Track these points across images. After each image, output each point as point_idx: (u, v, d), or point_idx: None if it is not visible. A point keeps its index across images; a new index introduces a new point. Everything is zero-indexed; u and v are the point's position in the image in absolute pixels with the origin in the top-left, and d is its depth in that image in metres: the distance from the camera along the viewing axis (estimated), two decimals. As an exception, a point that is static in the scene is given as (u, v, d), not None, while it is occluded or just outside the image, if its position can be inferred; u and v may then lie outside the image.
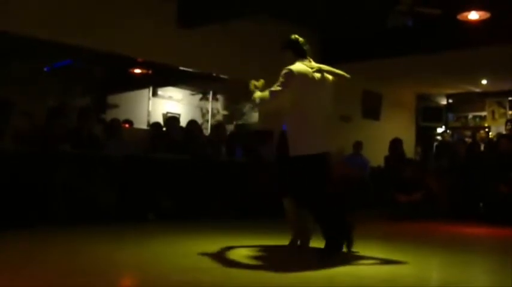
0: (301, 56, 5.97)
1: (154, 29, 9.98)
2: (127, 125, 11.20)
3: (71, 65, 11.65)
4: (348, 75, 6.21)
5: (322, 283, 4.45)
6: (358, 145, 12.83)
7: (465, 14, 9.77)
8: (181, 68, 11.11)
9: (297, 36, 6.29)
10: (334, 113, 6.16)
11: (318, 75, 5.82)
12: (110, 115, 11.91)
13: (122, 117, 10.61)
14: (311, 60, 5.97)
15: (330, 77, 6.00)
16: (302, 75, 5.67)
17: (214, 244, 6.03)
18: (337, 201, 5.77)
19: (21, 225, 6.60)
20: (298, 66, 5.73)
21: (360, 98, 14.63)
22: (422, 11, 9.72)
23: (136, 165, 8.31)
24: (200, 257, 5.27)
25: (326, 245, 5.42)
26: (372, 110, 14.92)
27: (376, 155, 12.70)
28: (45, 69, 11.54)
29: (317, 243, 5.71)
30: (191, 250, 5.69)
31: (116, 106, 12.96)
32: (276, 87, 5.68)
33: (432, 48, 11.24)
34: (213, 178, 9.03)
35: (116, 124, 9.33)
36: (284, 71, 5.71)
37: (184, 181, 8.67)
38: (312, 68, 5.80)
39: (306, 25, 12.27)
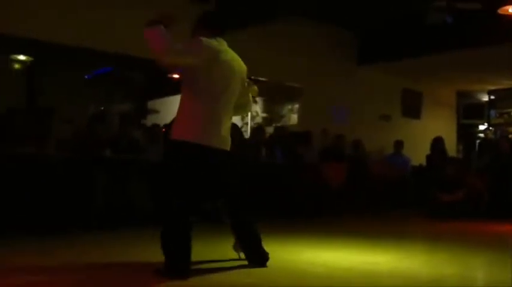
0: (216, 33, 4.79)
1: (191, 33, 10.01)
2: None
3: (112, 72, 11.80)
4: (256, 91, 5.25)
5: (365, 284, 4.43)
6: (398, 144, 12.73)
7: (506, 7, 9.59)
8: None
9: (212, 11, 5.24)
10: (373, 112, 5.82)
11: (233, 62, 4.75)
12: (150, 120, 12.01)
13: (162, 123, 10.68)
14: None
15: (243, 71, 4.92)
16: (216, 51, 4.58)
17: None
18: (184, 215, 4.46)
19: (64, 229, 6.71)
20: (213, 42, 4.61)
21: (399, 97, 14.51)
22: (461, 6, 9.59)
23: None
24: (242, 260, 5.28)
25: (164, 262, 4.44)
26: (412, 108, 14.77)
27: (418, 153, 12.58)
28: (86, 77, 11.71)
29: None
30: (233, 252, 5.71)
31: (156, 111, 13.06)
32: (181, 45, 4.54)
33: (472, 44, 11.08)
34: (253, 180, 9.03)
35: (156, 129, 9.42)
36: (197, 39, 4.61)
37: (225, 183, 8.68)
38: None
39: (343, 25, 12.26)
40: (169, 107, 13.11)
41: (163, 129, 9.34)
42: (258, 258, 4.87)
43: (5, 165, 6.71)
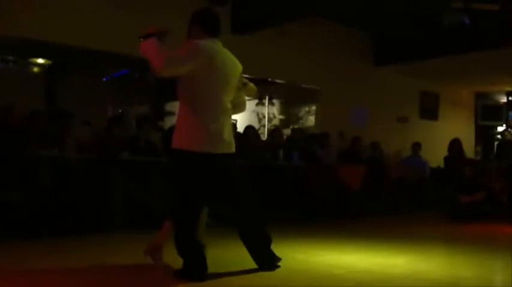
0: (211, 33, 4.65)
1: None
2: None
3: (129, 74, 11.85)
4: (254, 90, 5.16)
5: (380, 284, 4.43)
6: (416, 146, 12.69)
7: (524, 8, 9.55)
8: (237, 74, 11.15)
9: (208, 8, 5.10)
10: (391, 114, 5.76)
11: (229, 63, 4.68)
12: (168, 122, 12.04)
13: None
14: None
15: (238, 71, 4.83)
16: (212, 54, 4.49)
17: (273, 249, 6.06)
18: (192, 221, 4.50)
19: (83, 230, 6.76)
20: (209, 44, 4.53)
21: (416, 99, 14.47)
22: (479, 7, 9.54)
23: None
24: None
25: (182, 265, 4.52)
26: (429, 110, 14.72)
27: (436, 155, 12.54)
28: (103, 79, 11.78)
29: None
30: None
31: (173, 113, 13.10)
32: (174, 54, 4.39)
33: (490, 45, 11.01)
34: (270, 182, 9.03)
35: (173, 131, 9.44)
36: (191, 43, 4.51)
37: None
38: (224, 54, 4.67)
39: (360, 27, 12.24)
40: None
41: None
42: (266, 262, 4.82)
43: (27, 167, 6.78)
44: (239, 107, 4.94)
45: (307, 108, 13.07)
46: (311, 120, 12.86)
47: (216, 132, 4.44)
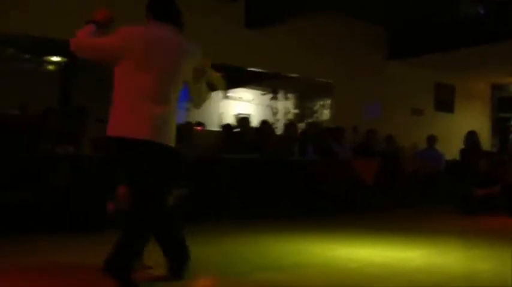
0: (158, 18, 4.29)
1: (223, 30, 10.09)
2: (199, 128, 11.34)
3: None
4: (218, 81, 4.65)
5: (399, 280, 4.43)
6: (431, 139, 12.62)
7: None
8: (251, 68, 11.19)
9: None
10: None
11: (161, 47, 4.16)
12: (181, 118, 12.07)
13: (194, 120, 10.73)
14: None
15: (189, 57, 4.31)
16: (133, 39, 4.14)
17: (289, 243, 6.08)
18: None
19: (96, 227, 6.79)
20: (135, 30, 4.21)
21: (432, 91, 14.39)
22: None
23: (209, 166, 8.41)
24: (276, 256, 5.31)
25: None
26: (445, 102, 14.64)
27: (452, 148, 12.47)
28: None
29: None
30: (267, 249, 5.74)
31: (187, 109, 13.13)
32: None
33: (505, 36, 10.91)
34: (285, 176, 9.04)
35: (188, 126, 9.47)
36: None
37: (257, 180, 8.72)
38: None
39: (374, 20, 12.20)
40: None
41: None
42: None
43: (43, 164, 6.84)
44: (197, 98, 4.52)
45: (321, 102, 13.04)
46: (326, 114, 12.84)
47: (124, 116, 4.07)
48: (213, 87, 4.64)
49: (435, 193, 11.43)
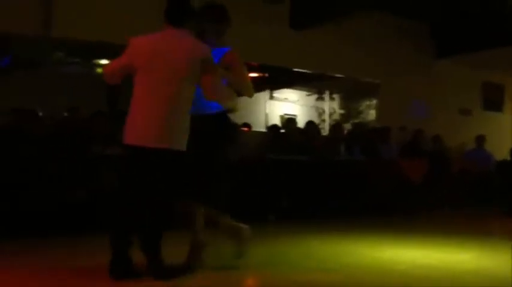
0: (167, 21, 4.40)
1: (268, 32, 10.13)
2: (246, 129, 11.39)
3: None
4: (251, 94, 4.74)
5: (449, 282, 4.39)
6: (480, 139, 12.44)
7: None
8: (296, 69, 11.20)
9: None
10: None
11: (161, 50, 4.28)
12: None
13: (240, 121, 10.79)
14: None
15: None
16: (137, 47, 4.37)
17: (336, 244, 6.07)
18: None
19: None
20: (139, 39, 4.41)
21: (479, 90, 14.18)
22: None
23: (256, 167, 8.45)
24: (323, 258, 5.31)
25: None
26: (493, 101, 14.40)
27: (501, 148, 12.27)
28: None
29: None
30: (313, 250, 5.75)
31: (232, 110, 13.19)
32: None
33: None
34: (332, 177, 9.03)
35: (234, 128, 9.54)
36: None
37: (304, 181, 8.73)
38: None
39: (419, 18, 12.08)
40: (247, 106, 13.23)
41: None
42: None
43: (92, 165, 6.98)
44: (207, 91, 4.35)
45: (367, 102, 12.97)
46: (372, 114, 12.78)
47: (130, 122, 4.28)
48: (238, 92, 4.65)
49: (485, 194, 11.25)
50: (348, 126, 12.34)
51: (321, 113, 13.62)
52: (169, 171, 4.24)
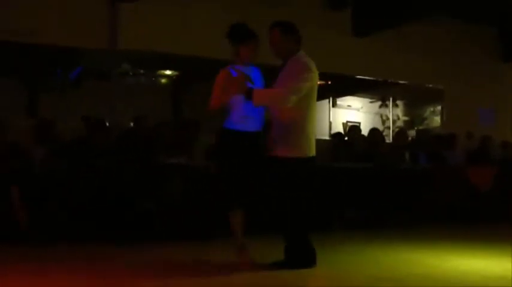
0: (299, 43, 5.15)
1: (331, 39, 10.14)
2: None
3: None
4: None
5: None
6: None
7: None
8: (359, 76, 11.15)
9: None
10: None
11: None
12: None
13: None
14: None
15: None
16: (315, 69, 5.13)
17: (401, 253, 6.00)
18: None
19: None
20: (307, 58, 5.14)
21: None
22: None
23: (320, 175, 8.42)
24: (388, 266, 5.26)
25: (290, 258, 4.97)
26: None
27: None
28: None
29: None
30: (379, 258, 5.69)
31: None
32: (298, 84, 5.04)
33: None
34: (397, 185, 8.92)
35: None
36: (302, 66, 5.14)
37: (369, 189, 8.65)
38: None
39: (486, 22, 11.86)
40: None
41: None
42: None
43: (157, 174, 7.09)
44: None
45: (431, 109, 12.83)
46: (436, 120, 12.62)
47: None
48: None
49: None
50: (412, 133, 12.21)
51: (384, 120, 13.52)
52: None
